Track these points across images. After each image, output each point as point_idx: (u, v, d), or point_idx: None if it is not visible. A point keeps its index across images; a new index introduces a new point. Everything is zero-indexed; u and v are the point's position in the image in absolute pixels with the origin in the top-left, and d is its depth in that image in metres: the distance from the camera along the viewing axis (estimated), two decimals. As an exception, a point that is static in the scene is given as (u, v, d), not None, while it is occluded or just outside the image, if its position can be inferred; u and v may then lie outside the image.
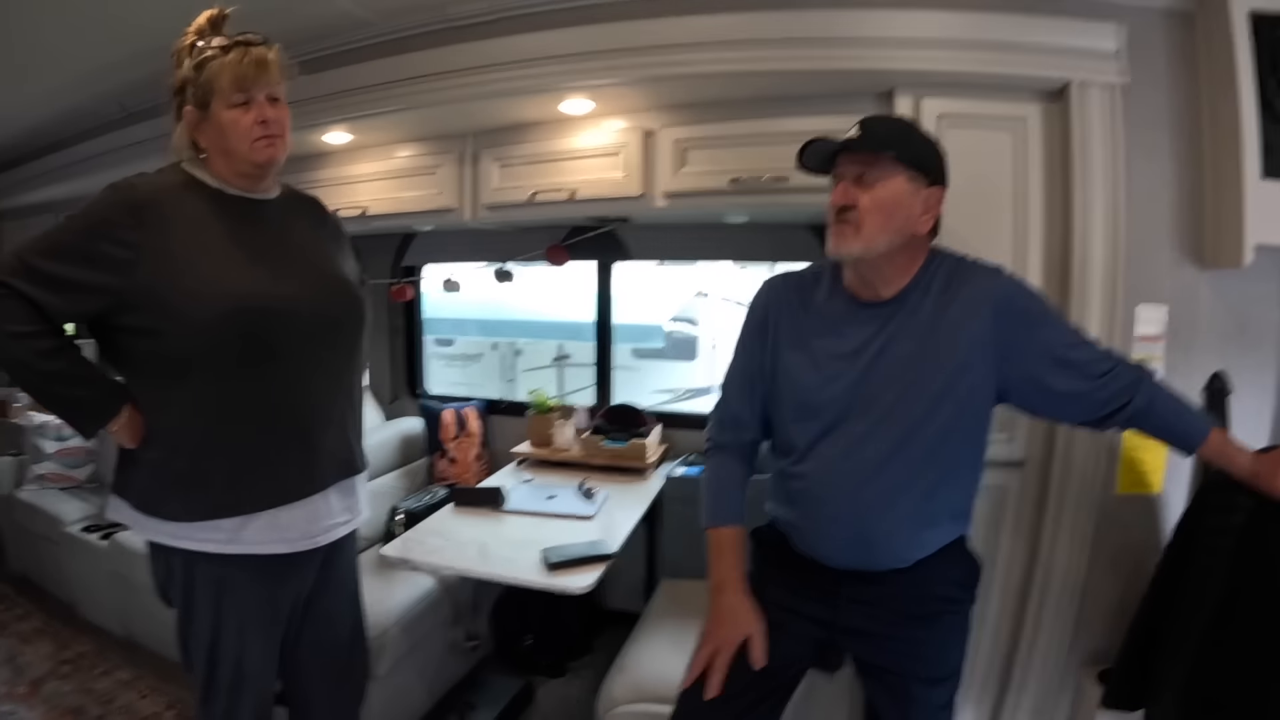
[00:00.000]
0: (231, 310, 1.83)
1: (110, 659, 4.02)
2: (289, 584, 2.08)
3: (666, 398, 7.41)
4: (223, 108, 1.88)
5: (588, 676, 3.82)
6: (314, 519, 2.05)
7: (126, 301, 1.81)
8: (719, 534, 2.12)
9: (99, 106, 4.31)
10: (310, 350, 1.98)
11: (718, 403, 2.24)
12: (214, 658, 2.00)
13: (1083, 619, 2.65)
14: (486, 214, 3.47)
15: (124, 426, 1.90)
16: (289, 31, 1.99)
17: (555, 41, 2.82)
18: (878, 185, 1.84)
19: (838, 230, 1.87)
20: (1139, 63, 2.49)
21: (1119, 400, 1.90)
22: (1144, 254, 2.53)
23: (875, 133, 1.84)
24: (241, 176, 1.97)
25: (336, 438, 2.10)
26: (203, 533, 1.90)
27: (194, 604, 1.97)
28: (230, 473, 1.90)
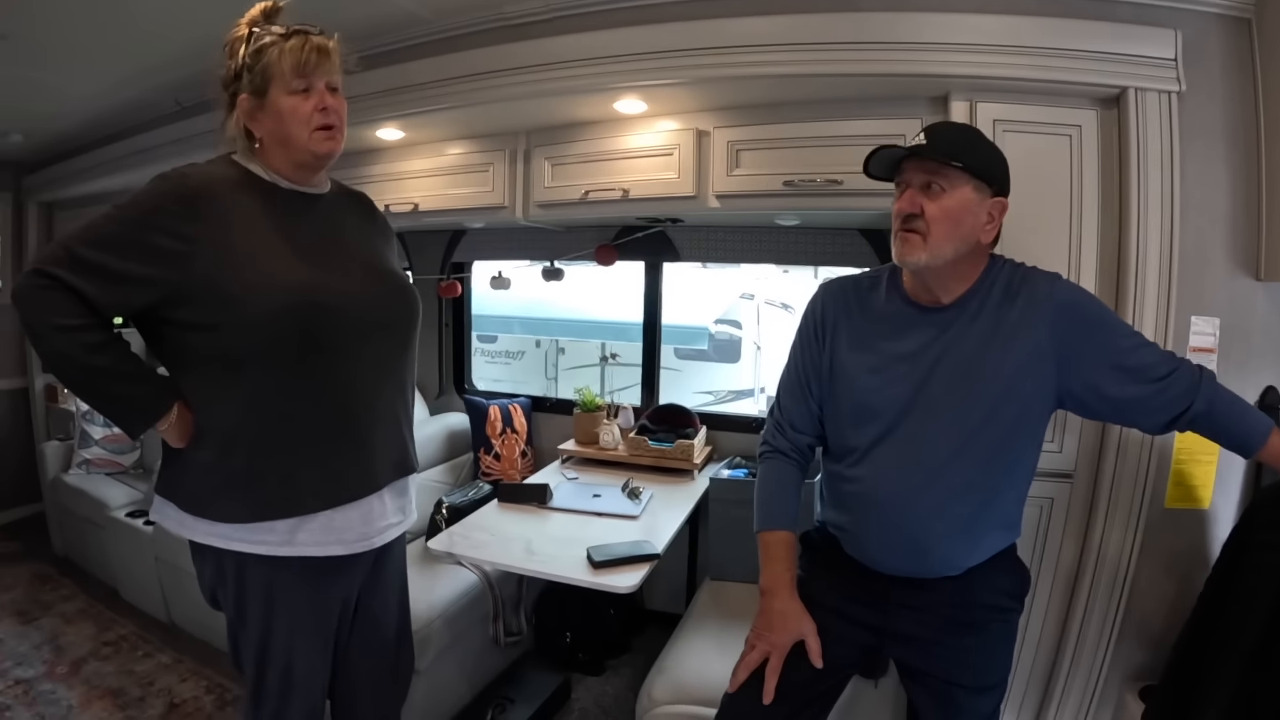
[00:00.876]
0: (291, 304, 1.79)
1: (151, 642, 4.08)
2: (341, 586, 2.06)
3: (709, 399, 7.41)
4: (282, 94, 1.85)
5: (626, 675, 3.85)
6: (369, 520, 2.01)
7: (180, 294, 1.76)
8: (771, 538, 2.12)
9: (156, 99, 4.35)
10: (366, 347, 1.96)
11: (773, 406, 2.24)
12: (264, 660, 1.97)
13: (1126, 634, 2.63)
14: (538, 212, 3.48)
15: (173, 425, 1.84)
16: (344, 27, 1.98)
17: (610, 41, 2.83)
18: (945, 194, 1.83)
19: (904, 239, 1.87)
20: (1195, 69, 2.46)
21: (1180, 405, 1.89)
22: (1198, 264, 2.51)
23: (943, 140, 1.84)
24: (297, 168, 1.95)
25: (392, 436, 2.08)
26: (256, 534, 1.86)
27: (246, 607, 1.94)
28: (285, 472, 1.86)
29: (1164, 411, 1.91)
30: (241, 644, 2.00)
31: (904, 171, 1.89)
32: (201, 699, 3.55)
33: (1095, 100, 2.52)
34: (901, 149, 1.87)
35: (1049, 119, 2.52)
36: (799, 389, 2.15)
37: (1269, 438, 1.91)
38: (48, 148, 5.55)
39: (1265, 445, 1.91)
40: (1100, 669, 2.64)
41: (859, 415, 1.99)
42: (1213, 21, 2.51)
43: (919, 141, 1.85)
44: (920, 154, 1.83)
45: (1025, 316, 1.88)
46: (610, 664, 3.97)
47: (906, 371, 1.92)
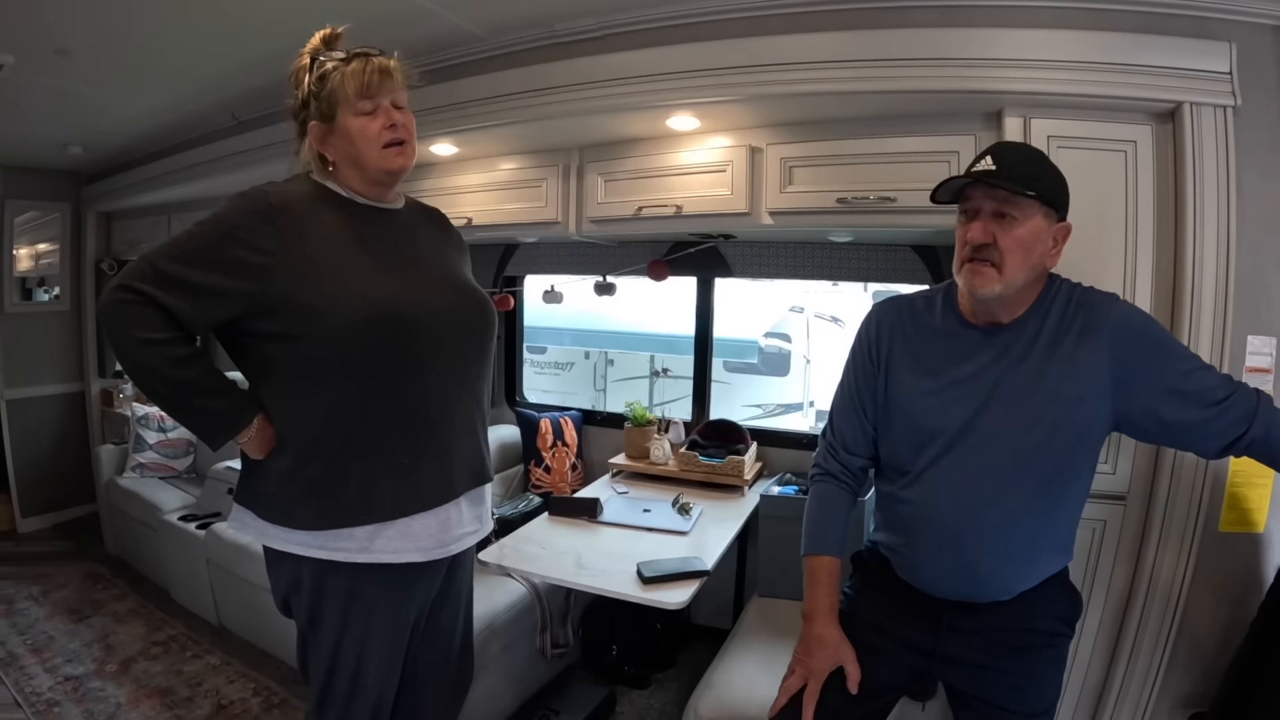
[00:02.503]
0: (372, 315, 1.84)
1: (201, 643, 4.15)
2: (417, 594, 2.08)
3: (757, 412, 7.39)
4: (349, 116, 1.91)
5: (671, 689, 3.85)
6: (446, 528, 2.03)
7: (262, 307, 1.81)
8: (816, 562, 2.11)
9: (213, 114, 4.43)
10: (444, 356, 1.99)
11: (825, 427, 2.23)
12: (334, 667, 1.99)
13: (1177, 659, 2.58)
14: (590, 227, 3.50)
15: (254, 438, 1.89)
16: (401, 46, 2.02)
17: (662, 58, 2.84)
18: (1018, 224, 1.82)
19: (976, 269, 1.84)
20: (1250, 82, 2.43)
21: (1236, 430, 1.85)
22: (1255, 282, 2.47)
23: (1013, 166, 1.81)
24: (372, 185, 2.01)
25: (469, 445, 2.10)
26: (335, 541, 1.89)
27: (321, 615, 1.96)
28: (364, 480, 1.89)
29: (1221, 436, 1.88)
30: (311, 651, 2.03)
31: (972, 198, 1.86)
32: (249, 701, 3.60)
33: (1150, 115, 2.49)
34: (976, 176, 1.83)
35: (1103, 134, 2.50)
36: (853, 411, 2.14)
37: None
38: (107, 159, 5.68)
39: None
40: (1150, 695, 2.60)
41: (915, 437, 1.97)
42: (1268, 33, 2.47)
43: (987, 166, 1.82)
44: (995, 183, 1.79)
45: (1084, 339, 1.86)
46: (656, 678, 3.97)
47: (965, 394, 1.91)
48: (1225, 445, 1.89)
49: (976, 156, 1.88)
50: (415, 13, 3.02)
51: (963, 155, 2.62)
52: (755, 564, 3.71)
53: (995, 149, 1.87)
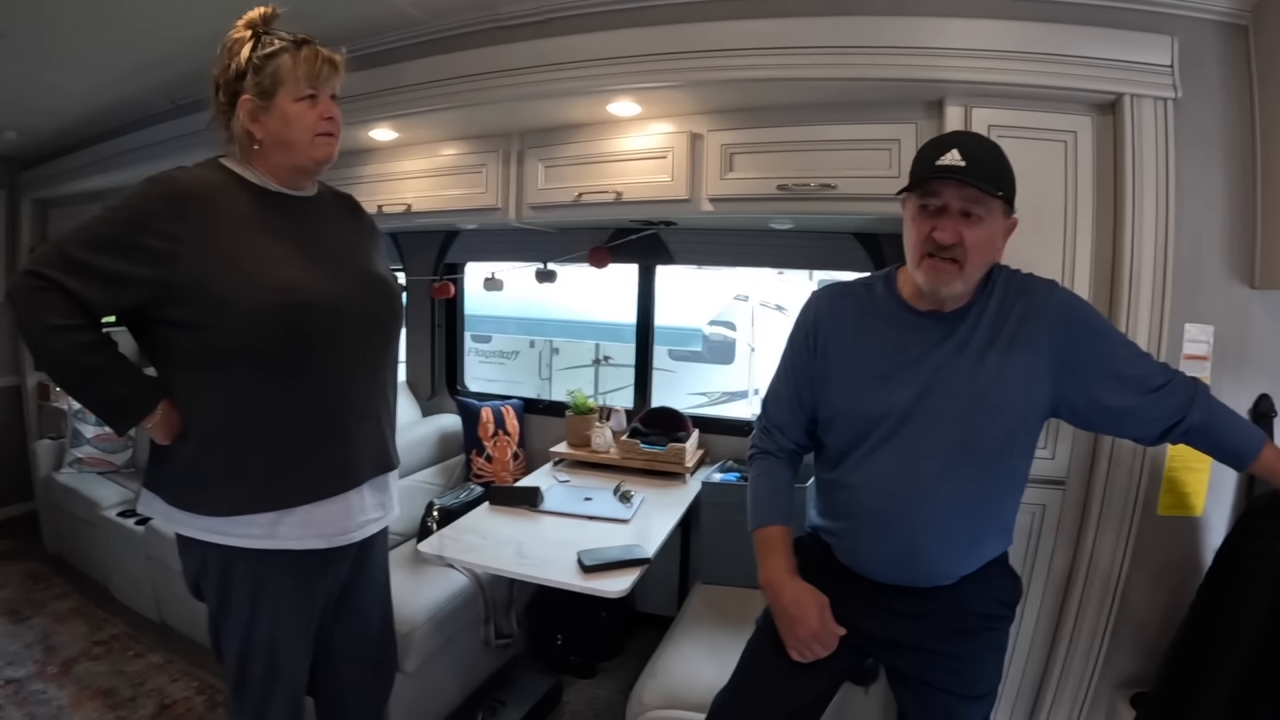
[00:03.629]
0: (276, 303, 1.83)
1: (143, 642, 4.08)
2: (323, 580, 2.09)
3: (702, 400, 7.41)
4: (289, 99, 1.92)
5: (618, 678, 3.84)
6: (348, 515, 2.05)
7: (169, 294, 1.80)
8: (766, 532, 2.08)
9: (150, 97, 4.36)
10: (350, 345, 1.99)
11: (762, 411, 2.22)
12: (247, 652, 2.00)
13: (1118, 640, 2.63)
14: (530, 214, 3.47)
15: (160, 423, 1.89)
16: (338, 26, 2.02)
17: (604, 43, 2.82)
18: (983, 223, 1.80)
19: (939, 266, 1.81)
20: (1191, 76, 2.46)
21: (1173, 416, 1.89)
22: (1193, 272, 2.51)
23: (981, 162, 1.78)
24: (293, 171, 2.01)
25: (372, 434, 2.11)
26: (239, 528, 1.90)
27: (229, 599, 1.98)
28: (267, 467, 1.91)
29: (1158, 423, 1.91)
30: (224, 635, 2.05)
31: (939, 194, 1.81)
32: (192, 699, 3.54)
33: (1091, 106, 2.51)
34: (948, 172, 1.77)
35: (1044, 125, 2.51)
36: (789, 398, 2.12)
37: (1261, 451, 1.91)
38: (42, 145, 5.55)
39: (1258, 459, 1.92)
40: (1091, 676, 2.64)
41: (857, 423, 1.96)
42: (1210, 28, 2.51)
43: (956, 161, 1.77)
44: (970, 181, 1.75)
45: (1024, 324, 1.87)
46: (602, 667, 3.97)
47: (907, 380, 1.90)
48: (1162, 431, 1.92)
49: (936, 144, 1.85)
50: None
51: (904, 144, 2.63)
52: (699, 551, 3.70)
53: (960, 141, 1.83)
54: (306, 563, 2.00)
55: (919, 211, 1.85)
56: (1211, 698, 2.04)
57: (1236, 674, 1.98)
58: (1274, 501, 1.98)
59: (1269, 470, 1.92)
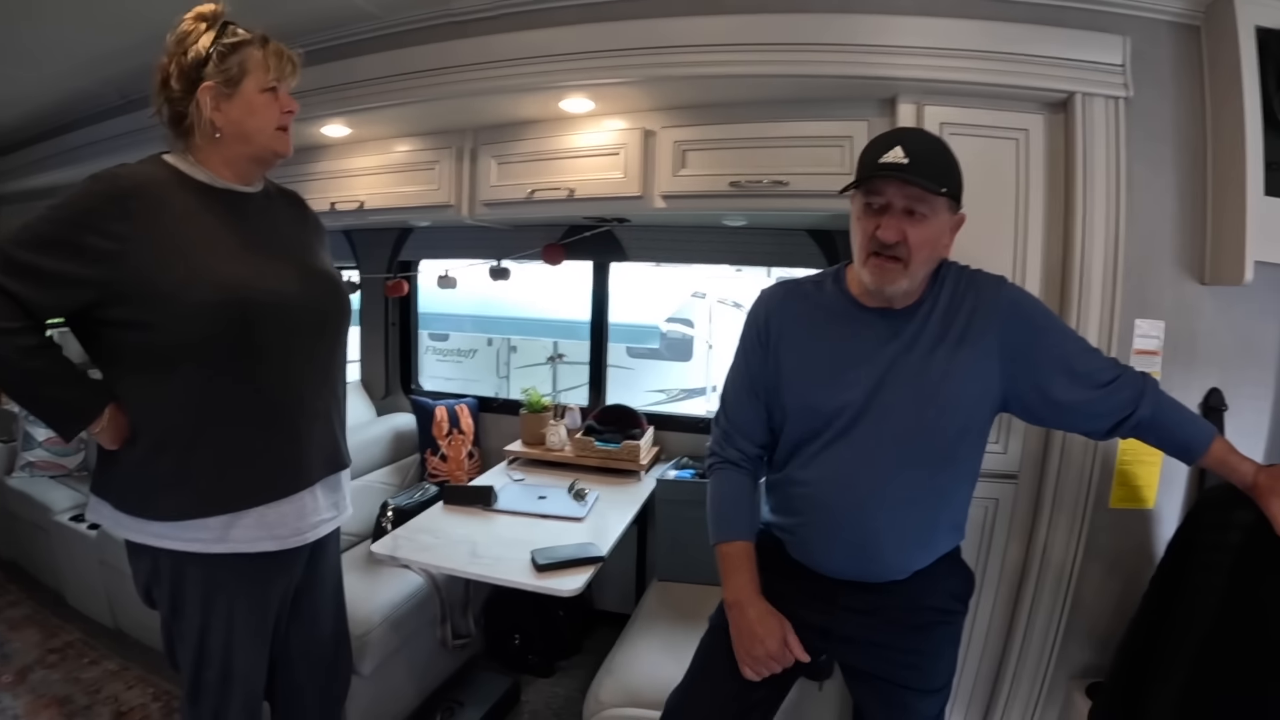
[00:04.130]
0: (222, 301, 1.81)
1: (98, 648, 4.01)
2: (277, 582, 2.07)
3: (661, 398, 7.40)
4: (255, 90, 1.92)
5: (577, 676, 3.83)
6: (302, 515, 2.03)
7: (114, 294, 1.77)
8: (729, 549, 2.06)
9: (101, 91, 4.29)
10: (298, 343, 1.98)
11: (718, 415, 2.20)
12: (202, 658, 1.98)
13: (1073, 632, 2.65)
14: (484, 211, 3.45)
15: (107, 427, 1.86)
16: (290, 20, 2.01)
17: (557, 39, 2.80)
18: (927, 221, 1.79)
19: (883, 265, 1.81)
20: (1143, 75, 2.48)
21: (1123, 411, 1.91)
22: (1144, 268, 2.54)
23: (925, 161, 1.77)
24: (249, 162, 2.00)
25: (323, 432, 2.09)
26: (190, 532, 1.87)
27: (182, 605, 1.95)
28: (218, 469, 1.88)
29: (1108, 417, 1.93)
30: (178, 642, 2.02)
31: (882, 192, 1.81)
32: (148, 706, 3.50)
33: (1042, 104, 2.53)
34: (890, 170, 1.77)
35: (996, 122, 2.53)
36: (746, 396, 2.11)
37: (1211, 445, 1.94)
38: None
39: (1207, 452, 1.94)
40: (1047, 667, 2.67)
41: (809, 420, 1.96)
42: (1162, 28, 2.53)
43: (898, 158, 1.76)
44: (912, 179, 1.75)
45: (974, 320, 1.88)
46: (561, 665, 3.96)
47: (858, 377, 1.90)
48: (1112, 426, 1.94)
49: (880, 141, 1.84)
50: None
51: (856, 141, 2.63)
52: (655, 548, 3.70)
53: (903, 138, 1.82)
54: (260, 565, 1.98)
55: (864, 210, 1.85)
56: (1166, 687, 2.06)
57: (1190, 663, 2.00)
58: (1224, 493, 1.99)
59: (1219, 464, 1.95)
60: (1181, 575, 2.13)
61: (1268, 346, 2.59)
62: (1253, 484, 1.87)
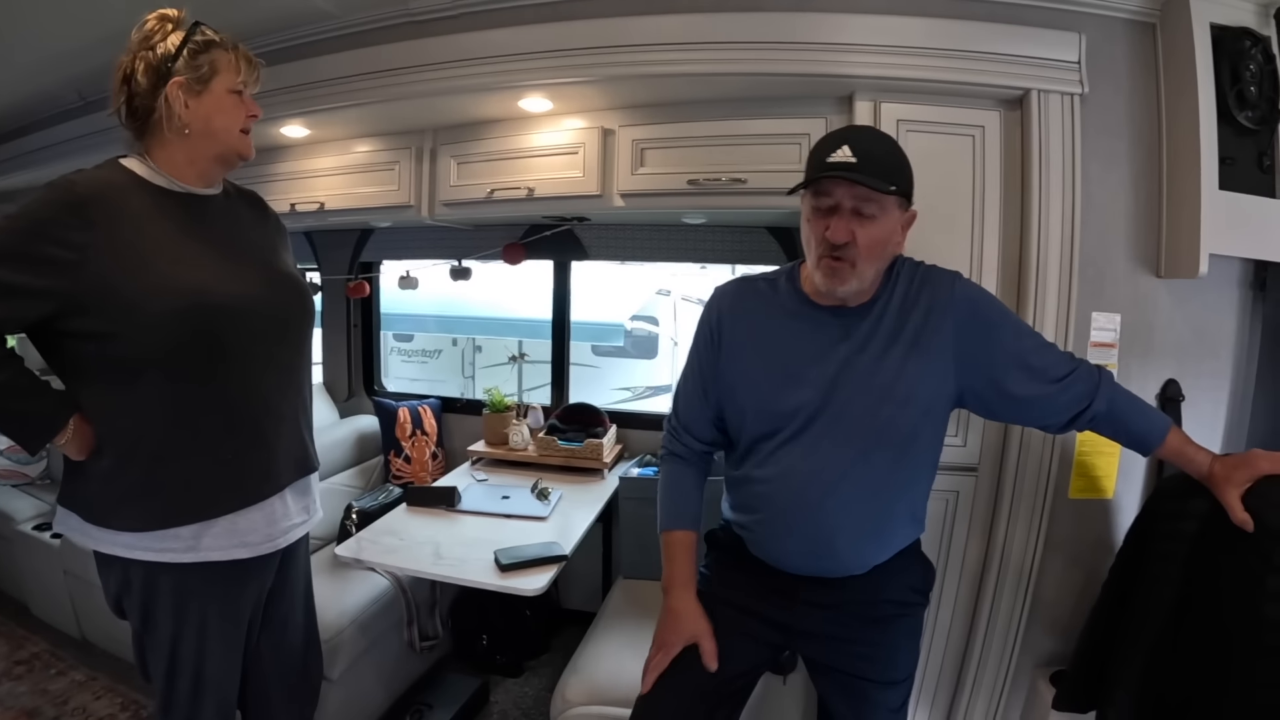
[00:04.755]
0: (185, 308, 1.77)
1: (65, 659, 3.97)
2: (249, 589, 2.04)
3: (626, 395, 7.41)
4: (224, 90, 1.91)
5: (545, 675, 3.84)
6: (272, 521, 2.01)
7: (74, 304, 1.73)
8: (671, 537, 2.12)
9: (58, 92, 4.24)
10: (262, 347, 1.95)
11: (671, 411, 2.22)
12: (174, 669, 1.95)
13: (1035, 621, 2.68)
14: (443, 211, 3.43)
15: (72, 439, 1.82)
16: (249, 20, 2.00)
17: (516, 39, 2.79)
18: (877, 221, 1.79)
19: (832, 267, 1.81)
20: (1099, 72, 2.51)
21: (1078, 404, 1.93)
22: (1100, 262, 2.56)
23: (874, 160, 1.76)
24: (212, 162, 1.97)
25: (291, 436, 2.07)
26: (160, 542, 1.84)
27: (153, 616, 1.92)
28: (186, 478, 1.85)
29: (1064, 411, 1.95)
30: (149, 652, 1.99)
31: (831, 193, 1.80)
32: (117, 716, 3.47)
33: (999, 101, 2.54)
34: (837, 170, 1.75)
35: (952, 119, 2.54)
36: (697, 396, 2.12)
37: (1167, 436, 1.96)
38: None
39: (1164, 444, 1.96)
40: (1011, 656, 2.69)
41: (765, 419, 1.96)
42: (1118, 25, 2.55)
43: (846, 157, 1.75)
44: (860, 179, 1.73)
45: (929, 317, 1.89)
46: (529, 665, 3.96)
47: (812, 376, 1.90)
48: (1068, 420, 1.96)
49: (828, 140, 1.83)
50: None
51: (814, 138, 2.61)
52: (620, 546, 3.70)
53: (851, 136, 1.81)
54: (232, 573, 1.95)
55: (813, 211, 1.85)
56: (1127, 673, 2.09)
57: (1149, 649, 2.03)
58: (1180, 483, 2.01)
59: (1175, 455, 1.97)
60: (1140, 564, 2.15)
61: (1223, 338, 2.62)
62: (1208, 474, 1.89)
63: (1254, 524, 1.77)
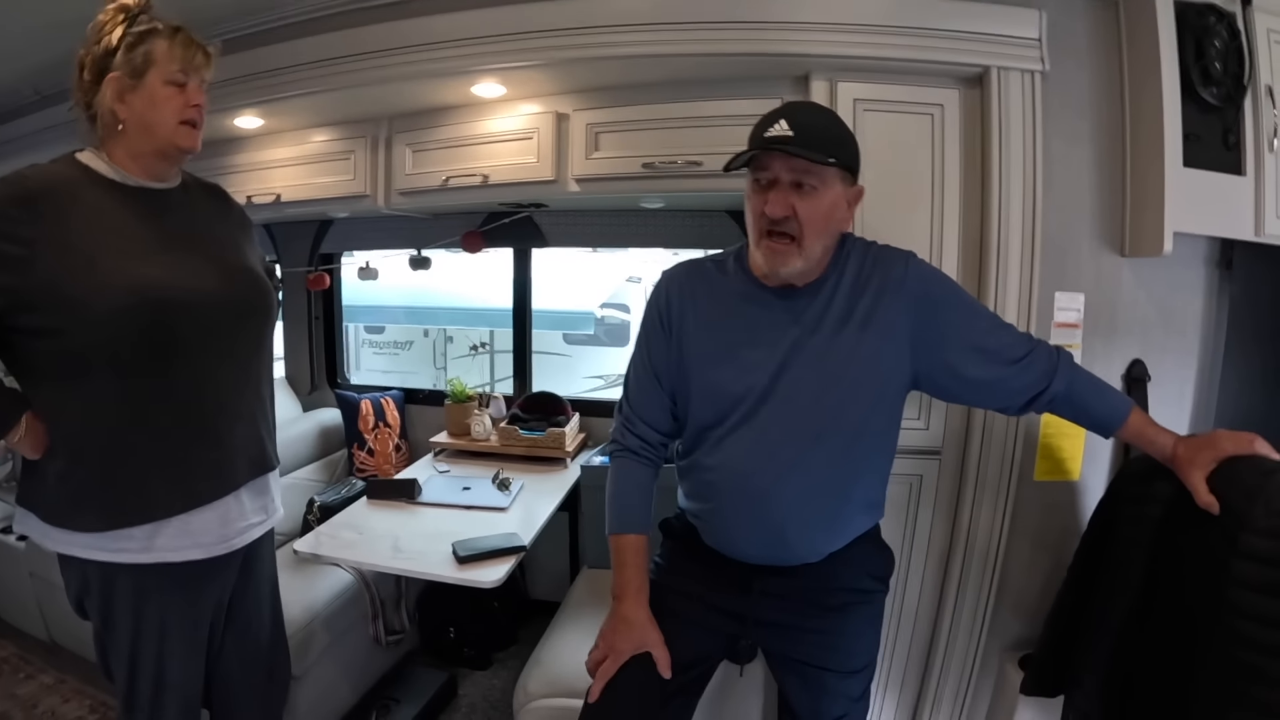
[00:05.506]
0: (133, 303, 1.74)
1: (33, 662, 3.94)
2: (208, 590, 2.02)
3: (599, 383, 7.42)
4: (160, 82, 1.85)
5: (513, 667, 3.81)
6: (227, 521, 1.98)
7: (23, 301, 1.71)
8: (621, 541, 2.07)
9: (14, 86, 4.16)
10: (217, 343, 1.92)
11: (621, 401, 2.18)
12: (135, 668, 1.94)
13: (1002, 606, 2.67)
14: (400, 200, 3.40)
15: (25, 437, 1.81)
16: (198, 8, 1.94)
17: (467, 23, 2.76)
18: (818, 193, 1.77)
19: (775, 245, 1.80)
20: (1060, 49, 2.48)
21: (1036, 386, 1.91)
22: (1063, 241, 2.54)
23: (811, 132, 1.74)
24: (155, 157, 1.92)
25: (247, 434, 2.04)
26: (115, 543, 1.82)
27: (113, 615, 1.91)
28: (137, 477, 1.83)
29: (1021, 393, 1.93)
30: (110, 652, 1.98)
31: (768, 167, 1.79)
32: (86, 718, 3.45)
33: (958, 79, 2.51)
34: (772, 143, 1.75)
35: (910, 98, 2.51)
36: (648, 382, 2.09)
37: (1128, 417, 1.95)
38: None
39: (1124, 425, 1.95)
40: (979, 640, 2.68)
41: (715, 403, 1.94)
42: (1079, 2, 2.53)
43: (783, 131, 1.74)
44: (795, 151, 1.72)
45: (881, 298, 1.86)
46: (498, 657, 3.96)
47: (763, 358, 1.88)
48: (1026, 402, 1.95)
49: (767, 117, 1.81)
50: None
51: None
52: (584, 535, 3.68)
53: (789, 111, 1.80)
54: (189, 574, 1.93)
55: (753, 188, 1.84)
56: (1093, 657, 2.09)
57: (1115, 632, 2.02)
58: (1144, 466, 2.00)
59: (1137, 436, 1.95)
60: (1104, 547, 2.15)
61: (1189, 316, 2.62)
62: (1172, 455, 1.87)
63: (1219, 507, 1.75)
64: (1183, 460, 1.84)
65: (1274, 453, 1.80)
